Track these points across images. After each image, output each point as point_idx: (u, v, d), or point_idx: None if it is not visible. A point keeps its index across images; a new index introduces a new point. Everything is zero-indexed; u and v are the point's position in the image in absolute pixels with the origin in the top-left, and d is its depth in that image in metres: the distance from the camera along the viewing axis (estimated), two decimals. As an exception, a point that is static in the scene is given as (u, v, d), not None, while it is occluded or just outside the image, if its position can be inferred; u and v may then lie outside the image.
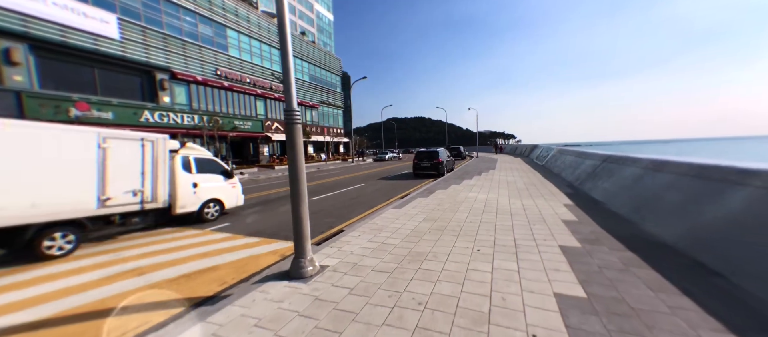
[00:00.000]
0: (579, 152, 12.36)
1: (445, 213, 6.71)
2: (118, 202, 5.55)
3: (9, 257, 4.66)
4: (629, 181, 6.54)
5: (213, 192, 7.44)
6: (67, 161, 4.91)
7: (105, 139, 5.39)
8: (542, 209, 6.76)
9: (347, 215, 7.65)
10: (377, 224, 6.00)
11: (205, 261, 4.51)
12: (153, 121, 20.12)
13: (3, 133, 4.28)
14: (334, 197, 10.80)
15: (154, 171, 6.14)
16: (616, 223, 5.30)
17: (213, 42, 25.33)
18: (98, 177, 5.24)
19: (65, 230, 4.90)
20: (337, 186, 13.76)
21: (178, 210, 6.68)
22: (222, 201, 7.67)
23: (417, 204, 7.88)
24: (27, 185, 4.46)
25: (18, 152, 4.42)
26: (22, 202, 4.40)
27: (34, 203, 4.52)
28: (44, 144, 4.71)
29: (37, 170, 4.59)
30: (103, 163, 5.31)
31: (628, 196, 6.08)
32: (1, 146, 4.26)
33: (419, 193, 9.84)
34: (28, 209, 4.46)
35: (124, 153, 5.69)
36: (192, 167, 7.13)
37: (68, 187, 4.92)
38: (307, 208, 3.63)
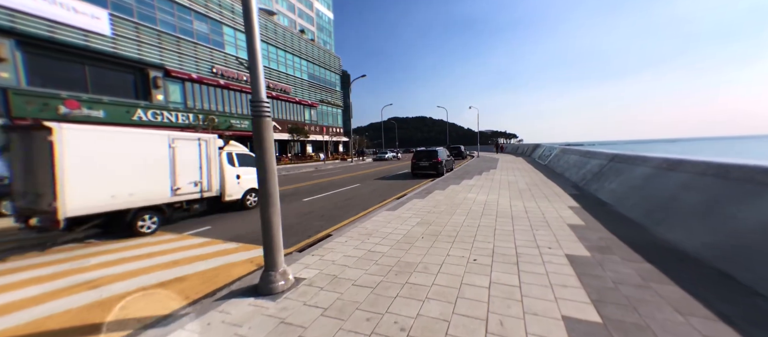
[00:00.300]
0: (584, 151, 11.87)
1: (441, 216, 6.25)
2: (185, 191, 6.77)
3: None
4: (639, 181, 6.06)
5: (252, 183, 8.58)
6: (151, 159, 6.14)
7: (173, 139, 6.58)
8: (546, 211, 6.30)
9: (339, 218, 7.21)
10: (367, 228, 5.55)
11: (173, 271, 4.08)
12: (146, 119, 19.72)
13: (113, 139, 5.65)
14: (328, 197, 10.36)
15: (208, 165, 7.34)
16: (627, 228, 4.83)
17: (209, 39, 24.91)
18: (170, 171, 6.45)
19: (151, 213, 6.19)
20: (332, 186, 13.33)
21: (226, 198, 7.89)
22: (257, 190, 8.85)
23: (412, 206, 7.43)
24: (127, 179, 5.76)
25: (122, 153, 5.72)
26: (124, 192, 5.72)
27: (132, 193, 5.82)
28: (136, 145, 5.98)
29: (133, 166, 5.86)
30: (173, 160, 6.51)
31: (638, 197, 5.61)
32: (110, 149, 5.57)
33: (416, 194, 9.39)
34: (128, 197, 5.78)
35: (187, 151, 6.84)
36: (235, 162, 8.30)
37: (152, 179, 6.17)
38: (278, 214, 3.19)
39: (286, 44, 34.46)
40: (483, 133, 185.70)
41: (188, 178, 6.86)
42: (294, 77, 36.09)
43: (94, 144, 5.40)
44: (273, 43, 32.37)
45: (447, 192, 9.39)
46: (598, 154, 9.81)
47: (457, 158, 32.75)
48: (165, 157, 6.37)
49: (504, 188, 9.90)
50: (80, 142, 5.18)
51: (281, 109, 33.89)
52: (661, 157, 5.89)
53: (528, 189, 9.39)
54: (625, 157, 7.68)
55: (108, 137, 5.64)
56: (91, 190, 5.27)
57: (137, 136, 6.09)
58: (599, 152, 9.85)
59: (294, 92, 35.83)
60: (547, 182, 10.81)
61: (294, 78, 36.10)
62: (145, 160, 6.05)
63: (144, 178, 6.01)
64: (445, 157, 16.67)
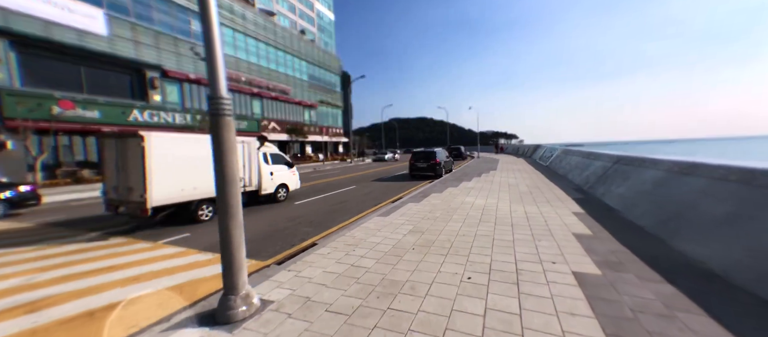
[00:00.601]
0: (587, 153, 11.38)
1: (436, 223, 5.81)
2: (196, 193, 7.29)
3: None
4: (650, 186, 5.59)
5: (282, 178, 9.84)
6: (207, 159, 6.83)
7: (199, 140, 7.34)
8: (549, 218, 5.84)
9: (328, 223, 6.80)
10: (355, 236, 5.12)
11: (129, 289, 3.67)
12: (142, 120, 19.47)
13: (180, 142, 6.76)
14: (321, 200, 9.95)
15: (250, 164, 8.39)
16: (639, 239, 4.37)
17: (206, 39, 24.66)
18: (180, 175, 6.92)
19: (208, 204, 7.42)
20: (328, 188, 12.93)
21: (262, 192, 9.01)
22: (287, 185, 10.10)
23: (406, 211, 7.00)
24: (191, 176, 6.93)
25: (186, 154, 6.87)
26: (189, 186, 6.92)
27: (195, 187, 7.03)
28: (196, 147, 7.03)
29: (194, 165, 6.98)
30: (201, 165, 7.17)
31: (650, 204, 5.13)
32: (179, 151, 6.70)
33: (412, 197, 8.96)
34: (192, 191, 7.00)
35: (176, 153, 7.10)
36: (269, 160, 9.41)
37: (208, 176, 6.98)
38: (240, 228, 2.77)
39: (285, 45, 34.21)
40: (484, 133, 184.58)
41: (209, 177, 8.03)
42: (293, 78, 35.83)
43: (169, 147, 6.57)
44: (272, 44, 32.12)
45: (444, 195, 8.95)
46: (602, 155, 9.33)
47: (457, 159, 32.24)
48: (192, 158, 7.15)
49: (504, 190, 9.44)
50: (160, 146, 6.35)
51: (280, 110, 33.61)
52: (672, 159, 5.42)
53: (529, 192, 8.92)
54: (631, 159, 7.20)
55: (177, 141, 6.83)
56: (167, 185, 6.48)
57: (197, 139, 7.23)
58: (603, 154, 9.36)
59: (293, 93, 35.56)
60: (549, 184, 10.33)
61: (293, 79, 35.83)
62: (203, 161, 7.07)
63: (202, 175, 7.12)
64: (443, 158, 16.21)
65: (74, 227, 7.27)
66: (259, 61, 30.39)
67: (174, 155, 6.64)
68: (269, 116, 31.64)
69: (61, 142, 16.78)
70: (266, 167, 9.21)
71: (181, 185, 6.80)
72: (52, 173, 15.98)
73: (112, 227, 7.09)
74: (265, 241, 5.69)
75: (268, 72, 31.40)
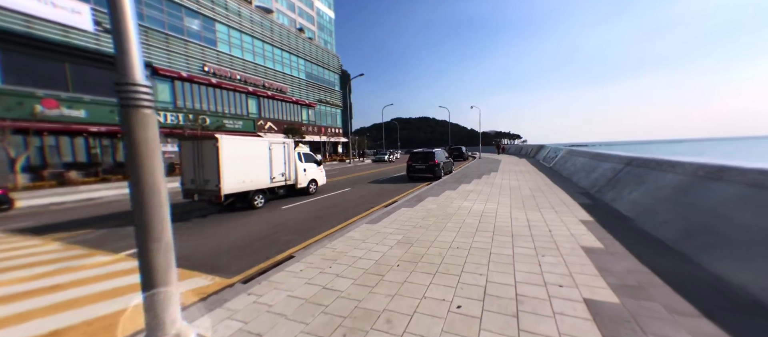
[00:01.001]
0: (594, 154, 10.75)
1: (428, 232, 5.23)
2: (277, 180, 9.44)
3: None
4: (669, 191, 4.98)
5: (313, 174, 11.29)
6: (259, 157, 8.80)
7: (270, 144, 9.20)
8: (553, 226, 5.24)
9: (312, 231, 6.23)
10: (336, 249, 4.55)
11: (59, 318, 3.11)
12: (132, 119, 18.95)
13: (241, 143, 8.26)
14: (310, 204, 9.38)
15: (289, 161, 9.95)
16: (661, 255, 3.77)
17: (200, 37, 24.13)
18: (269, 166, 9.11)
19: (260, 194, 8.95)
20: (320, 191, 12.36)
21: (298, 186, 10.50)
22: (317, 180, 11.62)
23: (397, 217, 6.42)
24: (248, 170, 8.41)
25: (245, 153, 8.32)
26: (248, 179, 8.38)
27: (251, 180, 8.50)
28: (251, 147, 8.60)
29: (251, 162, 8.53)
30: (270, 158, 9.13)
31: (672, 213, 4.53)
32: (240, 150, 8.17)
33: (406, 201, 8.38)
34: (249, 183, 8.44)
35: (278, 151, 9.44)
36: (302, 159, 10.80)
37: (260, 170, 8.85)
38: (167, 252, 2.19)
39: (282, 43, 33.65)
40: (486, 133, 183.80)
41: (278, 170, 9.63)
42: (291, 76, 35.27)
43: (234, 147, 8.09)
44: (269, 42, 31.56)
45: (441, 199, 8.36)
46: (611, 156, 8.71)
47: (457, 160, 31.62)
48: (266, 156, 9.11)
49: (505, 194, 8.84)
50: (228, 146, 7.92)
51: (277, 109, 33.06)
52: (696, 162, 4.81)
53: (532, 196, 8.32)
54: (646, 161, 6.59)
55: (238, 142, 8.37)
56: (234, 177, 8.03)
57: (250, 141, 8.86)
58: (612, 155, 8.74)
59: (291, 92, 35.00)
60: (553, 187, 9.72)
61: (291, 77, 35.27)
62: (255, 159, 8.76)
63: (256, 170, 8.77)
64: (442, 159, 15.61)
65: (39, 235, 6.73)
66: (256, 59, 29.84)
67: (237, 154, 8.20)
68: (266, 116, 31.10)
69: (47, 142, 16.28)
70: (301, 165, 10.70)
71: (242, 177, 8.38)
72: (39, 174, 15.49)
73: (82, 232, 6.55)
74: (241, 251, 5.14)
75: (264, 70, 30.84)
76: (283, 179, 9.79)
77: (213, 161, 7.76)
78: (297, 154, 10.54)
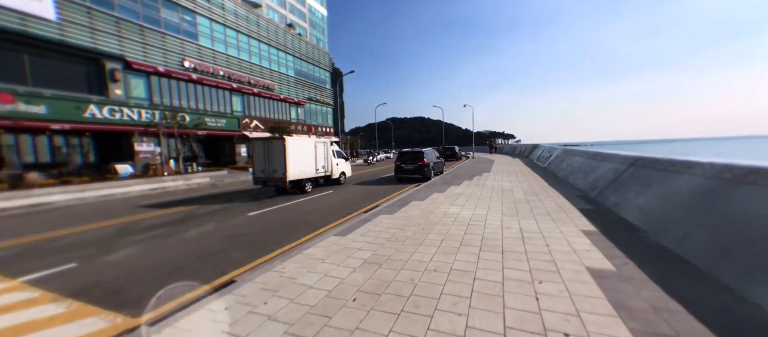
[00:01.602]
0: (592, 153, 10.03)
1: (404, 247, 4.36)
2: (319, 171, 12.04)
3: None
4: (687, 197, 4.20)
5: (343, 168, 13.91)
6: (308, 152, 11.42)
7: (315, 142, 12.00)
8: (551, 239, 4.42)
9: (270, 245, 5.32)
10: (285, 273, 3.65)
11: None
12: (101, 117, 17.66)
13: (297, 142, 11.08)
14: (282, 210, 8.44)
15: (327, 156, 12.58)
16: (690, 281, 2.96)
17: (179, 30, 22.83)
18: (315, 159, 11.73)
19: (309, 182, 11.55)
20: (301, 193, 11.42)
21: (333, 177, 13.09)
22: (345, 172, 14.07)
23: (373, 227, 5.54)
24: (302, 162, 11.06)
25: (301, 149, 11.05)
26: (302, 169, 11.03)
27: (305, 171, 11.11)
28: (304, 145, 11.38)
29: (304, 156, 11.15)
30: (315, 154, 11.75)
31: (694, 225, 3.74)
32: (298, 147, 10.92)
33: (388, 206, 7.52)
34: (304, 172, 11.11)
35: (321, 147, 12.16)
36: (335, 155, 13.33)
37: (309, 163, 11.45)
38: None
39: (270, 38, 32.43)
40: (481, 133, 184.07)
41: (321, 163, 12.12)
42: (279, 73, 34.06)
43: (294, 145, 10.68)
44: (255, 37, 30.33)
45: (426, 204, 7.51)
46: (612, 156, 7.97)
47: (450, 159, 30.91)
48: (312, 152, 11.63)
49: (496, 197, 8.03)
50: (292, 144, 10.53)
51: (264, 107, 31.84)
52: (717, 162, 4.04)
53: (525, 200, 7.53)
54: (652, 161, 5.83)
55: (296, 142, 11.01)
56: (295, 168, 10.53)
57: (302, 141, 11.60)
58: (613, 154, 8.01)
59: (279, 89, 33.80)
60: (549, 189, 8.96)
61: (279, 74, 34.07)
62: (307, 154, 11.33)
63: (307, 162, 11.30)
64: (433, 159, 14.79)
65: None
66: (241, 55, 28.58)
67: (296, 151, 10.82)
68: (252, 114, 29.88)
69: (5, 141, 14.94)
70: (334, 160, 13.24)
71: (300, 168, 10.94)
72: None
73: None
74: (173, 275, 4.19)
75: (250, 66, 29.60)
76: (324, 171, 12.49)
77: (280, 156, 10.42)
78: (332, 151, 13.13)
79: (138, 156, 19.75)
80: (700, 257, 3.27)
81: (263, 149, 10.79)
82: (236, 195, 11.81)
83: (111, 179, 15.77)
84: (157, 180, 16.03)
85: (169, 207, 9.67)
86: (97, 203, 11.40)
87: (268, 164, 10.68)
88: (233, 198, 11.01)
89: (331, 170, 12.87)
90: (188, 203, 10.53)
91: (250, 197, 11.00)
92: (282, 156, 10.29)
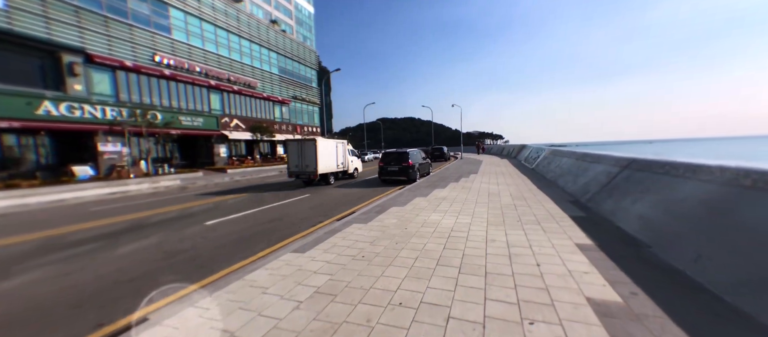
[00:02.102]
0: (581, 154, 9.58)
1: (369, 269, 3.61)
2: (339, 166, 14.47)
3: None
4: (696, 206, 3.62)
5: (356, 164, 16.54)
6: (331, 151, 13.80)
7: (336, 144, 14.49)
8: (543, 256, 3.76)
9: (220, 263, 4.47)
10: (210, 311, 2.83)
11: None
12: (58, 114, 16.10)
13: (323, 142, 13.24)
14: (246, 218, 7.54)
15: (345, 154, 15.13)
16: (723, 324, 2.32)
17: (150, 22, 21.34)
18: (336, 157, 14.12)
19: (332, 176, 13.98)
20: (274, 198, 10.51)
21: (349, 171, 15.61)
22: (358, 168, 16.84)
23: (339, 241, 4.77)
24: (328, 159, 13.41)
25: (327, 149, 13.42)
26: (328, 165, 13.40)
27: (329, 166, 13.51)
28: (329, 145, 13.75)
29: (329, 154, 13.55)
30: (336, 152, 14.24)
31: (712, 242, 3.14)
32: (325, 147, 13.31)
33: (364, 213, 6.77)
34: (328, 167, 13.42)
35: (340, 148, 14.66)
36: (350, 153, 15.88)
37: (332, 160, 13.80)
38: None
39: (251, 34, 31.11)
40: (470, 134, 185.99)
41: (340, 160, 14.51)
42: (262, 71, 32.75)
43: (323, 145, 13.05)
44: (235, 32, 28.98)
45: (406, 210, 6.79)
46: (603, 158, 7.48)
47: (439, 160, 30.43)
48: (334, 151, 14.02)
49: (482, 202, 7.40)
50: (322, 144, 12.91)
51: (245, 105, 30.47)
52: (730, 166, 3.48)
53: (513, 205, 6.92)
54: (649, 163, 5.30)
55: (324, 142, 13.23)
56: (323, 163, 12.88)
57: (329, 141, 13.91)
58: (604, 155, 7.52)
59: (262, 87, 32.49)
60: (537, 193, 8.41)
61: (262, 72, 32.76)
62: (331, 152, 13.74)
63: (331, 159, 13.63)
64: (418, 160, 14.13)
65: None
66: (219, 50, 27.20)
67: (324, 149, 13.06)
68: (232, 113, 28.50)
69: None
70: (349, 157, 15.57)
71: (326, 164, 13.14)
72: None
73: None
74: (74, 310, 3.28)
75: (229, 63, 28.22)
76: (342, 166, 14.70)
77: (312, 154, 12.60)
78: (347, 150, 15.53)
79: (102, 157, 18.22)
80: (725, 286, 2.65)
81: (297, 148, 13.05)
82: (205, 198, 10.76)
83: (67, 182, 14.35)
84: (120, 183, 14.72)
85: (119, 215, 8.58)
86: (39, 210, 10.11)
87: (301, 161, 12.89)
88: (197, 204, 9.97)
89: (347, 165, 15.24)
90: (144, 208, 9.44)
91: (217, 203, 9.99)
92: (314, 154, 12.54)
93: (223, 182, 17.03)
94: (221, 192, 12.65)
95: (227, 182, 17.45)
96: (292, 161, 13.06)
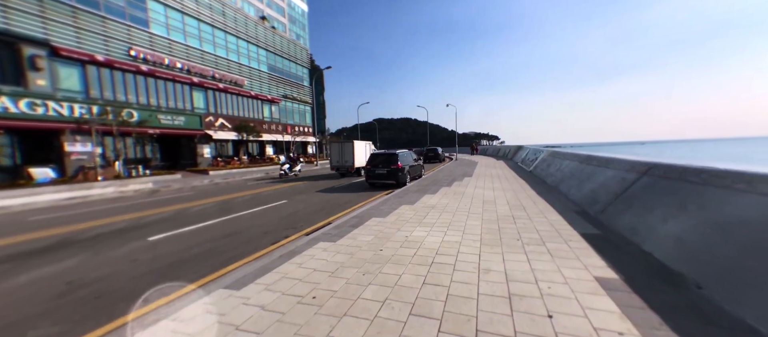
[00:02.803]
0: (584, 156, 8.63)
1: (312, 324, 2.54)
2: (362, 163, 17.10)
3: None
4: (762, 230, 2.63)
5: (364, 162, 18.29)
6: (362, 151, 17.89)
7: (365, 144, 18.94)
8: (553, 298, 2.74)
9: (127, 301, 3.37)
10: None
11: None
12: (17, 111, 14.75)
13: (354, 143, 17.33)
14: (200, 231, 6.43)
15: (365, 153, 17.91)
16: None
17: (125, 14, 20.03)
18: (365, 155, 17.80)
19: (361, 169, 17.07)
20: (244, 205, 9.42)
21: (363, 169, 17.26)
22: None
23: (292, 270, 3.70)
24: (359, 156, 17.44)
25: (357, 149, 17.36)
26: (359, 161, 17.31)
27: (361, 162, 17.31)
28: (361, 145, 17.97)
29: (360, 152, 17.62)
30: (365, 151, 18.17)
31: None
32: (358, 149, 17.54)
33: (337, 226, 5.72)
34: (360, 163, 17.26)
35: (361, 148, 17.87)
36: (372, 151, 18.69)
37: (362, 157, 17.58)
38: None
39: (238, 29, 29.84)
40: (466, 134, 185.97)
41: (364, 159, 17.26)
42: (249, 68, 31.49)
43: (357, 145, 17.33)
44: (221, 27, 27.70)
45: (387, 223, 5.75)
46: (614, 161, 6.51)
47: (433, 161, 29.46)
48: (364, 150, 17.94)
49: (475, 213, 6.38)
50: (357, 145, 17.27)
51: (232, 104, 29.19)
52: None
53: (511, 217, 5.91)
54: (678, 169, 4.32)
55: (359, 143, 17.73)
56: (358, 159, 17.05)
57: (361, 143, 18.11)
58: (615, 159, 6.55)
59: (250, 85, 31.23)
60: (538, 201, 7.42)
61: (250, 69, 31.50)
62: (361, 150, 17.55)
63: (362, 156, 17.43)
64: (409, 162, 13.10)
65: None
66: (203, 46, 25.91)
67: (357, 149, 17.06)
68: (217, 112, 27.21)
69: None
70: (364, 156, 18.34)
71: (359, 160, 17.03)
72: None
73: None
74: None
75: (214, 59, 26.94)
76: (364, 164, 15.53)
77: (350, 152, 16.81)
78: (371, 149, 18.41)
79: (69, 158, 16.87)
80: None
81: (339, 148, 17.38)
82: (169, 205, 9.58)
83: (23, 186, 13.03)
84: (84, 187, 13.43)
85: (55, 226, 7.39)
86: (-26, 219, 8.86)
87: (341, 157, 17.10)
88: (155, 212, 8.80)
89: (363, 162, 17.51)
90: (91, 217, 8.27)
91: (179, 211, 8.83)
92: (351, 152, 16.74)
93: (202, 185, 15.83)
94: (191, 197, 11.48)
95: (206, 185, 16.25)
96: (334, 158, 17.46)
